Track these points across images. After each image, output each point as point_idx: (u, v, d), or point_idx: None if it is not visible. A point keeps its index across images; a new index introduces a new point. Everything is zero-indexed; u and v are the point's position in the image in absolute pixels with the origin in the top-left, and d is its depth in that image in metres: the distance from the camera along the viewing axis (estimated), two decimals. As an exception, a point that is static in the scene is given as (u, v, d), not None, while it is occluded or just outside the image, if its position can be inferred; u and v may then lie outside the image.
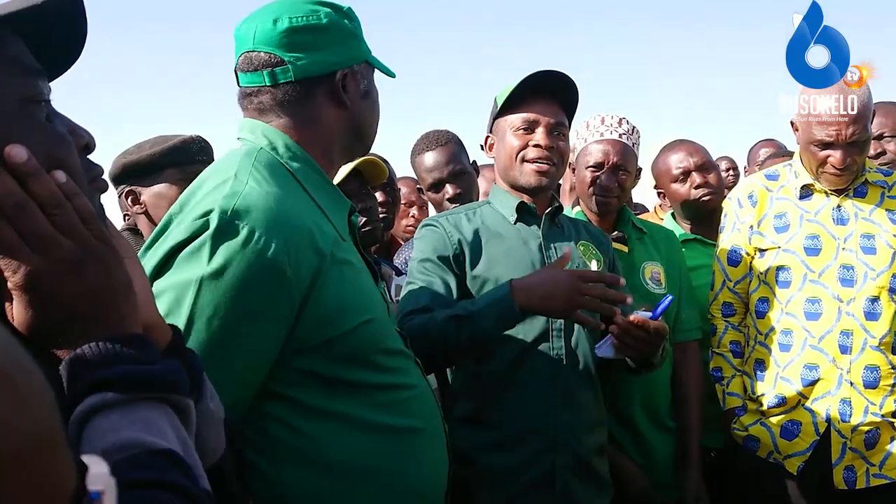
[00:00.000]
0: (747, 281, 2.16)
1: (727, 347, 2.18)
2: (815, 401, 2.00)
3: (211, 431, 0.79)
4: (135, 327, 0.66)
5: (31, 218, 0.60)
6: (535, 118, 1.82)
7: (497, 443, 1.74)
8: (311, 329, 1.11)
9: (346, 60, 1.27)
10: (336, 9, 1.27)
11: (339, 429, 1.14)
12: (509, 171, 1.86)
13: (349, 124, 1.30)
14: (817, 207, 2.07)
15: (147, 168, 1.96)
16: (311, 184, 1.23)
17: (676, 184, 2.49)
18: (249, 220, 1.05)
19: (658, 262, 2.22)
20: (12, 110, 0.63)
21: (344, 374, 1.15)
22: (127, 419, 0.60)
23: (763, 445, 2.08)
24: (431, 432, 1.25)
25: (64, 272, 0.61)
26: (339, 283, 1.13)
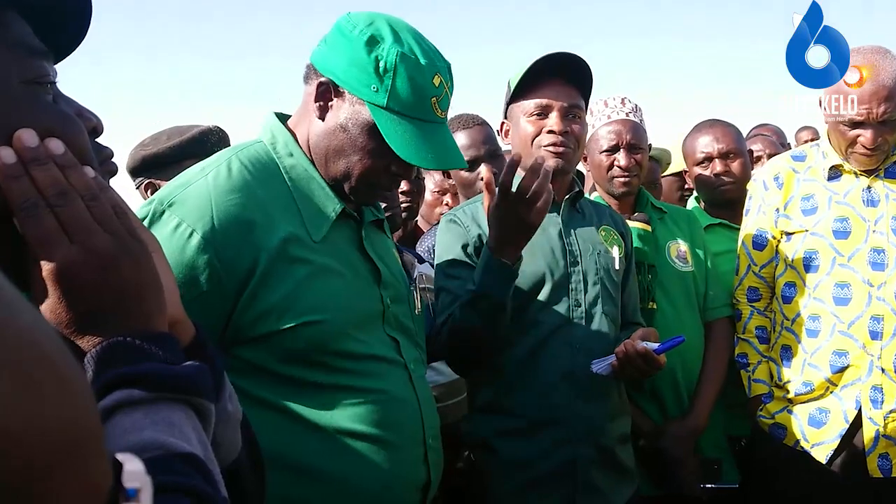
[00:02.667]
0: (773, 265, 2.10)
1: (753, 333, 2.13)
2: (844, 388, 1.95)
3: (227, 433, 0.78)
4: (161, 325, 0.65)
5: (72, 207, 0.60)
6: (549, 103, 1.78)
7: (518, 431, 1.73)
8: (249, 321, 1.13)
9: (338, 75, 1.22)
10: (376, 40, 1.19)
11: (281, 423, 1.14)
12: (526, 158, 1.81)
13: (324, 142, 1.25)
14: (846, 189, 2.00)
15: (166, 160, 1.96)
16: (298, 183, 1.24)
17: (698, 167, 2.46)
18: (180, 212, 1.11)
19: (681, 239, 2.22)
20: (17, 92, 0.61)
21: (287, 371, 1.15)
22: (150, 419, 0.59)
23: (790, 433, 2.03)
24: (395, 440, 1.22)
25: (99, 264, 0.60)
26: (284, 280, 1.14)
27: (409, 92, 1.19)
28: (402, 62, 1.18)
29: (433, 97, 1.22)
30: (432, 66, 1.21)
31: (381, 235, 1.41)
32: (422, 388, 1.32)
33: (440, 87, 1.23)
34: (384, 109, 1.19)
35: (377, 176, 1.25)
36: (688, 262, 2.19)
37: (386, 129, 1.19)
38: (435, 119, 1.24)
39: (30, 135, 0.59)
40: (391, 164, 1.23)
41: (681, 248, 2.21)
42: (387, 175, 1.26)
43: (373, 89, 1.19)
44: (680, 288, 2.17)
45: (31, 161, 0.59)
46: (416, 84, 1.19)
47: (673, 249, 2.21)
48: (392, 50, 1.18)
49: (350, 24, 1.21)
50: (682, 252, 2.21)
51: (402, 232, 2.54)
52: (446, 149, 1.26)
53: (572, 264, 1.77)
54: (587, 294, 1.77)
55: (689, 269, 2.19)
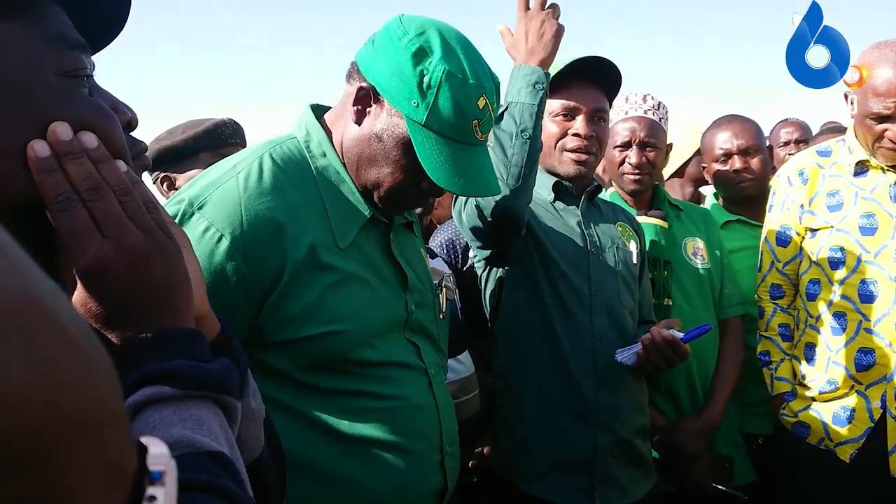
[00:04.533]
0: (797, 262, 2.08)
1: (776, 331, 2.11)
2: (869, 386, 1.92)
3: (250, 430, 0.77)
4: (190, 321, 0.65)
5: (106, 202, 0.59)
6: (576, 105, 1.78)
7: (538, 417, 1.73)
8: (271, 327, 1.10)
9: (381, 83, 1.16)
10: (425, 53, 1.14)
11: (297, 426, 1.12)
12: (547, 157, 1.82)
13: (357, 147, 1.21)
14: (873, 184, 1.97)
15: (181, 153, 1.95)
16: (328, 186, 1.20)
17: (717, 163, 2.43)
18: (210, 215, 1.07)
19: (698, 237, 2.21)
20: (53, 85, 0.61)
21: (306, 377, 1.13)
22: (179, 416, 0.58)
23: (813, 432, 2.00)
24: (412, 447, 1.20)
25: (131, 260, 0.59)
26: (309, 288, 1.11)
27: (450, 112, 1.13)
28: (447, 80, 1.12)
29: (475, 119, 1.16)
30: (479, 86, 1.15)
31: (410, 237, 1.37)
32: (441, 393, 1.29)
33: (484, 109, 1.17)
34: (422, 127, 1.13)
35: (406, 190, 1.21)
36: (704, 259, 2.18)
37: (421, 147, 1.13)
38: (474, 142, 1.18)
39: (64, 128, 0.59)
40: (422, 180, 1.18)
41: (697, 245, 2.20)
42: (416, 190, 1.21)
43: (413, 104, 1.13)
44: (695, 285, 2.16)
45: (64, 154, 0.58)
46: (460, 105, 1.13)
47: (689, 246, 2.20)
48: (439, 66, 1.12)
49: (400, 31, 1.15)
50: (699, 249, 2.19)
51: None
52: (481, 174, 1.20)
53: (593, 254, 1.78)
54: (607, 285, 1.77)
55: (706, 266, 2.17)
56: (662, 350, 1.62)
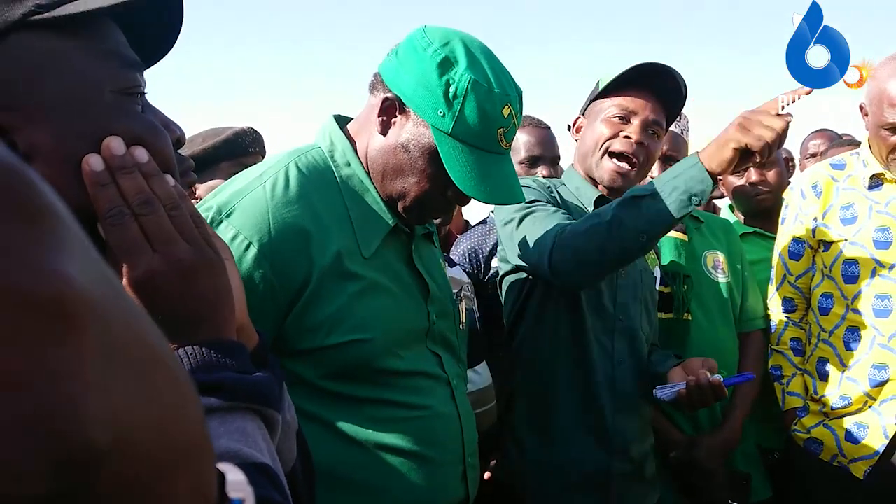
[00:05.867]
0: (810, 275, 2.06)
1: (787, 345, 2.09)
2: (883, 402, 1.89)
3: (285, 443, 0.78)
4: (232, 333, 0.66)
5: (157, 216, 0.60)
6: (635, 108, 1.71)
7: (557, 439, 1.71)
8: (298, 334, 1.11)
9: (406, 93, 1.17)
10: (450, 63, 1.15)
11: (322, 434, 1.12)
12: (588, 158, 1.76)
13: (382, 158, 1.22)
14: (888, 198, 1.95)
15: (202, 162, 1.96)
16: (352, 195, 1.21)
17: (733, 176, 2.41)
18: (238, 223, 1.08)
19: (718, 250, 2.18)
20: (109, 101, 0.63)
21: (330, 385, 1.14)
22: (225, 427, 0.59)
23: (826, 448, 1.97)
24: (436, 457, 1.20)
25: (179, 273, 0.61)
26: (334, 296, 1.12)
27: (476, 121, 1.15)
28: (473, 89, 1.14)
29: (500, 128, 1.18)
30: (504, 95, 1.17)
31: (430, 247, 1.38)
32: (463, 404, 1.30)
33: (508, 117, 1.19)
34: (448, 136, 1.15)
35: (432, 200, 1.22)
36: (724, 273, 2.15)
37: (447, 156, 1.15)
38: (499, 150, 1.20)
39: (118, 143, 0.60)
40: (448, 189, 1.20)
41: (717, 258, 2.17)
42: (442, 200, 1.23)
43: (439, 114, 1.15)
44: (715, 299, 2.13)
45: (118, 169, 0.60)
46: (485, 113, 1.15)
47: (709, 259, 2.17)
48: (465, 76, 1.14)
49: (424, 42, 1.17)
50: (719, 262, 2.17)
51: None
52: (506, 182, 1.22)
53: (622, 276, 1.74)
54: (630, 310, 1.75)
55: (726, 279, 2.14)
56: (705, 392, 1.57)
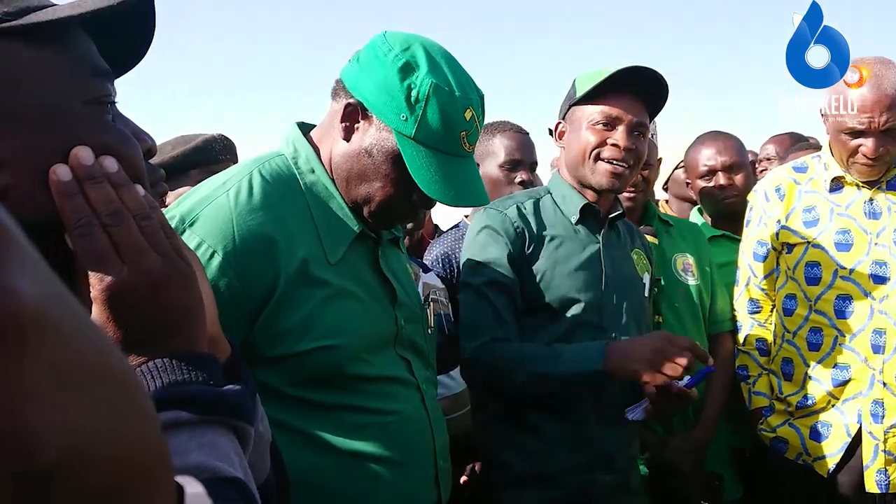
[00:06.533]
0: (774, 277, 2.09)
1: (753, 345, 2.12)
2: (845, 402, 1.93)
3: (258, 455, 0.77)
4: (204, 345, 0.65)
5: (126, 227, 0.59)
6: (618, 115, 1.69)
7: (536, 454, 1.69)
8: (266, 343, 1.11)
9: (368, 99, 1.18)
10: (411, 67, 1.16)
11: (291, 443, 1.10)
12: (579, 166, 1.74)
13: (346, 164, 1.22)
14: (848, 200, 1.99)
15: (171, 170, 1.93)
16: (317, 202, 1.22)
17: (701, 180, 2.45)
18: (201, 231, 1.08)
19: (687, 253, 2.20)
20: (78, 111, 0.62)
21: (300, 393, 1.14)
22: (196, 441, 0.58)
23: (792, 447, 2.01)
24: (407, 462, 1.21)
25: (149, 285, 0.59)
26: (301, 303, 1.12)
27: (438, 124, 1.15)
28: (435, 93, 1.15)
29: (462, 131, 1.19)
30: (465, 98, 1.18)
31: (396, 252, 1.39)
32: (433, 408, 1.30)
33: (471, 121, 1.20)
34: (411, 140, 1.16)
35: (397, 204, 1.22)
36: (694, 276, 2.18)
37: (411, 160, 1.15)
38: (462, 153, 1.21)
39: (86, 152, 0.59)
40: (413, 193, 1.20)
41: (687, 262, 2.20)
42: (407, 204, 1.23)
43: (402, 118, 1.15)
44: (686, 301, 2.16)
45: (86, 179, 0.58)
46: (447, 117, 1.16)
47: (679, 262, 2.19)
48: (426, 80, 1.15)
49: (385, 47, 1.18)
50: (689, 265, 2.19)
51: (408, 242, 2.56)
52: (470, 185, 1.23)
53: (607, 286, 1.73)
54: (618, 319, 1.73)
55: (695, 282, 2.17)
56: (671, 403, 1.57)
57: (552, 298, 1.67)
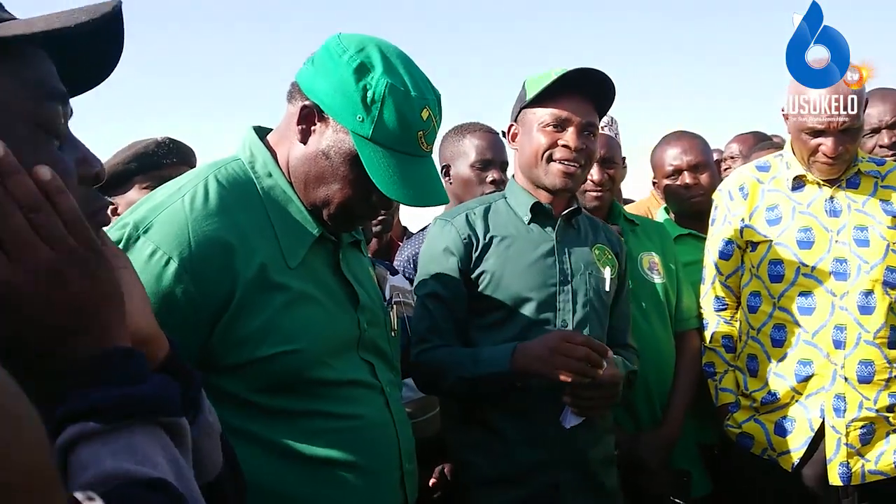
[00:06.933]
0: (739, 275, 2.12)
1: (719, 342, 2.15)
2: (808, 397, 1.96)
3: (211, 446, 0.77)
4: (121, 338, 0.62)
5: (10, 220, 0.55)
6: (567, 116, 1.72)
7: (496, 450, 1.70)
8: (226, 349, 1.10)
9: (324, 101, 1.18)
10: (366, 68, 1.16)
11: (255, 451, 1.11)
12: (532, 168, 1.77)
13: (304, 166, 1.22)
14: (810, 199, 2.02)
15: (116, 178, 1.91)
16: (276, 206, 1.21)
17: (667, 179, 2.48)
18: (156, 238, 1.06)
19: (653, 252, 2.23)
20: (21, 133, 0.60)
21: (262, 399, 1.12)
22: (109, 447, 0.56)
23: (757, 443, 2.04)
24: (372, 466, 1.20)
25: (40, 281, 0.56)
26: (261, 308, 1.11)
27: (395, 125, 1.15)
28: (390, 94, 1.15)
29: (420, 131, 1.19)
30: (422, 98, 1.18)
31: (358, 255, 1.39)
32: (398, 411, 1.30)
33: (428, 120, 1.19)
34: (368, 141, 1.15)
35: (357, 205, 1.22)
36: (660, 274, 2.20)
37: (369, 161, 1.15)
38: (420, 153, 1.21)
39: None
40: (372, 194, 1.20)
41: (653, 260, 2.22)
42: (366, 205, 1.23)
43: (358, 119, 1.15)
44: (652, 299, 2.18)
45: None
46: (404, 117, 1.16)
47: (645, 261, 2.22)
48: (381, 80, 1.15)
49: (340, 48, 1.18)
50: (654, 264, 2.22)
51: (377, 244, 2.55)
52: (429, 184, 1.22)
53: (562, 283, 1.74)
54: (575, 315, 1.73)
55: (661, 280, 2.20)
56: (586, 394, 1.59)
57: (505, 298, 1.70)
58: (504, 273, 1.72)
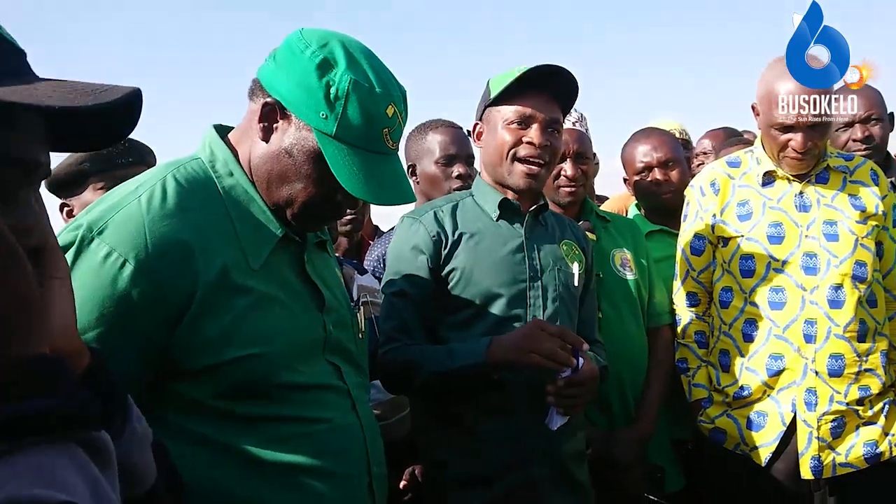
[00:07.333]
0: (711, 270, 2.13)
1: (692, 338, 2.15)
2: (780, 391, 1.97)
3: (142, 456, 0.74)
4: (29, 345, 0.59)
5: None
6: (531, 114, 1.73)
7: (471, 448, 1.69)
8: (187, 353, 1.07)
9: (286, 97, 1.15)
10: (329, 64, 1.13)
11: (219, 458, 1.08)
12: (497, 167, 1.78)
13: (266, 165, 1.19)
14: (780, 194, 2.03)
15: (70, 179, 1.87)
16: (237, 206, 1.17)
17: (638, 176, 2.48)
18: (111, 239, 1.03)
19: (625, 248, 2.23)
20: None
21: (226, 405, 1.09)
22: (12, 469, 0.53)
23: (730, 437, 2.04)
24: (340, 471, 1.18)
25: None
26: (223, 311, 1.08)
27: (360, 122, 1.13)
28: (354, 90, 1.12)
29: (385, 128, 1.16)
30: (387, 95, 1.15)
31: (323, 256, 1.36)
32: (365, 414, 1.27)
33: (393, 117, 1.17)
34: (332, 138, 1.13)
35: (321, 205, 1.19)
36: (632, 271, 2.21)
37: (333, 159, 1.12)
38: (385, 150, 1.18)
39: None
40: (336, 193, 1.17)
41: (625, 257, 2.22)
42: (331, 204, 1.20)
43: (322, 116, 1.12)
44: (625, 296, 2.18)
45: None
46: (369, 114, 1.13)
47: (617, 258, 2.22)
48: (345, 76, 1.12)
49: (302, 44, 1.14)
50: (627, 260, 2.22)
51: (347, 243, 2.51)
52: (395, 182, 1.19)
53: (532, 279, 1.74)
54: (545, 310, 1.74)
55: (634, 277, 2.20)
56: (568, 392, 1.58)
57: (475, 294, 1.70)
58: (474, 270, 1.71)
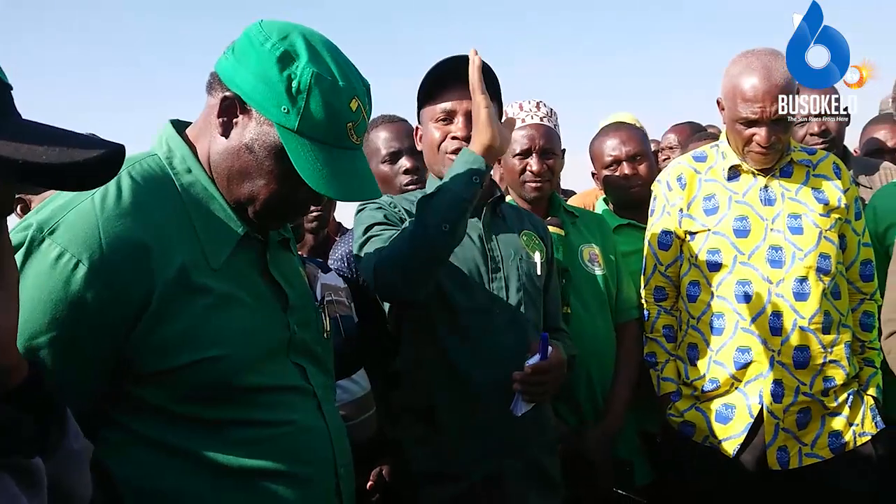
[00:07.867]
0: (678, 264, 2.14)
1: (660, 332, 2.16)
2: (748, 383, 1.99)
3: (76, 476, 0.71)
4: None
5: None
6: (453, 108, 1.74)
7: (440, 441, 1.68)
8: (145, 356, 1.03)
9: (246, 91, 1.11)
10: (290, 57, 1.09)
11: (184, 466, 1.05)
12: (433, 164, 1.79)
13: (226, 161, 1.15)
14: (745, 188, 2.05)
15: None
16: (196, 204, 1.13)
17: (606, 170, 2.48)
18: (63, 240, 0.99)
19: (593, 243, 2.24)
20: None
21: (189, 409, 1.06)
22: None
23: (699, 430, 2.06)
24: (306, 474, 1.15)
25: None
26: (182, 313, 1.05)
27: (323, 116, 1.09)
28: (317, 83, 1.08)
29: (349, 122, 1.13)
30: (350, 88, 1.12)
31: (287, 255, 1.32)
32: (331, 415, 1.25)
33: (357, 111, 1.13)
34: (295, 133, 1.09)
35: (283, 202, 1.16)
36: (600, 266, 2.21)
37: (295, 154, 1.09)
38: (350, 145, 1.15)
39: None
40: (299, 190, 1.12)
41: (593, 252, 2.23)
42: (294, 201, 1.17)
43: (283, 111, 1.09)
44: (593, 291, 2.18)
45: None
46: (332, 108, 1.10)
47: (585, 253, 2.22)
48: (307, 70, 1.08)
49: (262, 36, 1.10)
50: (595, 255, 2.22)
51: (313, 241, 2.47)
52: (360, 178, 1.16)
53: (494, 270, 1.75)
54: (510, 300, 1.74)
55: (602, 272, 2.20)
56: (535, 380, 1.59)
57: (438, 286, 1.68)
58: None
